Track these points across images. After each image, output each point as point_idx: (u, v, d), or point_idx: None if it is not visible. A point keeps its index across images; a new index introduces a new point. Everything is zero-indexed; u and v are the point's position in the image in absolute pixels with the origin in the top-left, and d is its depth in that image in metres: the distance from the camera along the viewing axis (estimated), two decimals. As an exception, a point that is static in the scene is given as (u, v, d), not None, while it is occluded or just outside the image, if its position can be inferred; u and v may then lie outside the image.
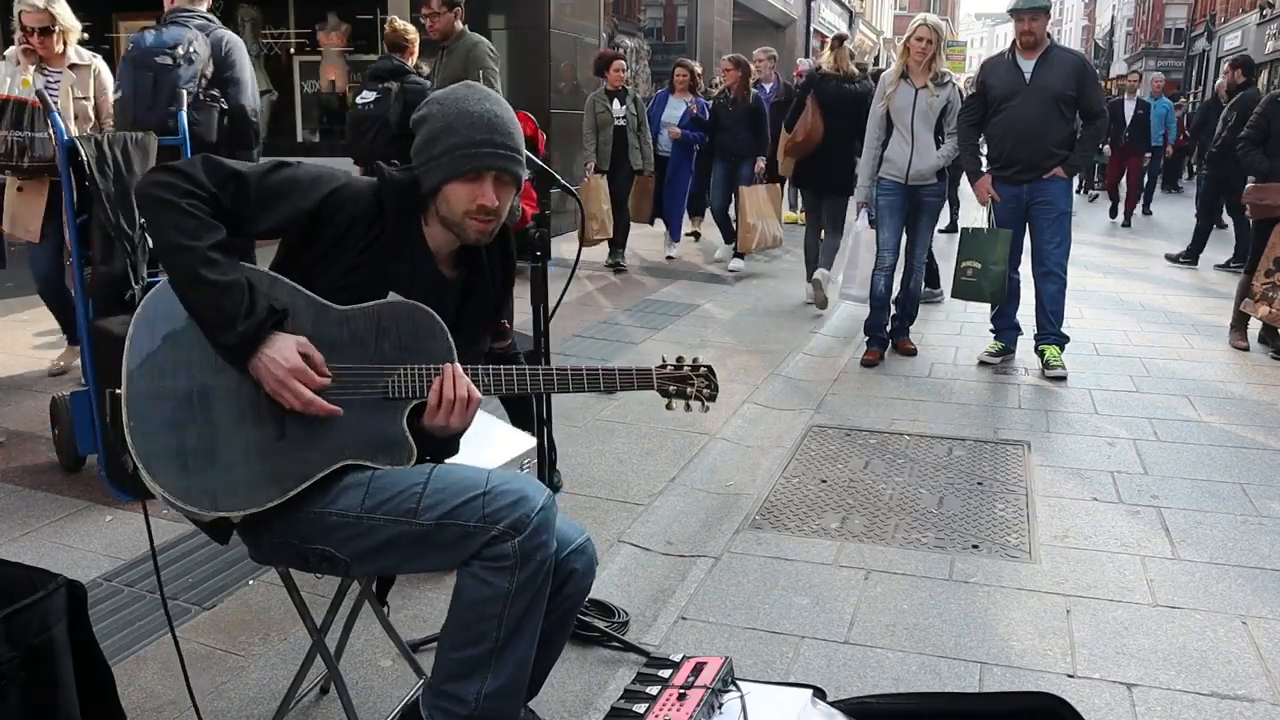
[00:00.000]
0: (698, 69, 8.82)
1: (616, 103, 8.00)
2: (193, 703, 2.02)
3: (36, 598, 1.66)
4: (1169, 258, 9.74)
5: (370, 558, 1.84)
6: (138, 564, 3.06)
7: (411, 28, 5.68)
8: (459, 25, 5.36)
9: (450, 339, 1.89)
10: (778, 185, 8.70)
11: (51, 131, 3.65)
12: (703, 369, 2.07)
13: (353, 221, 1.85)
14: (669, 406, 2.03)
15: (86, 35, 4.99)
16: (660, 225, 9.14)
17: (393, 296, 1.87)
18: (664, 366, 2.05)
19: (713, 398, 2.07)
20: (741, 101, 8.21)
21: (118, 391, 1.72)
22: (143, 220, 3.63)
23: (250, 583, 2.93)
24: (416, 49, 5.63)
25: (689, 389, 2.04)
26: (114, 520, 3.36)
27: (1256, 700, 2.45)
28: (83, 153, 3.48)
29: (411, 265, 1.93)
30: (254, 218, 1.82)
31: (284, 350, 1.75)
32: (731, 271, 8.30)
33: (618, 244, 8.31)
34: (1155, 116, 13.39)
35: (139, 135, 3.69)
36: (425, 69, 5.69)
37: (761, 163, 8.31)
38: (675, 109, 8.53)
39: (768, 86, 9.19)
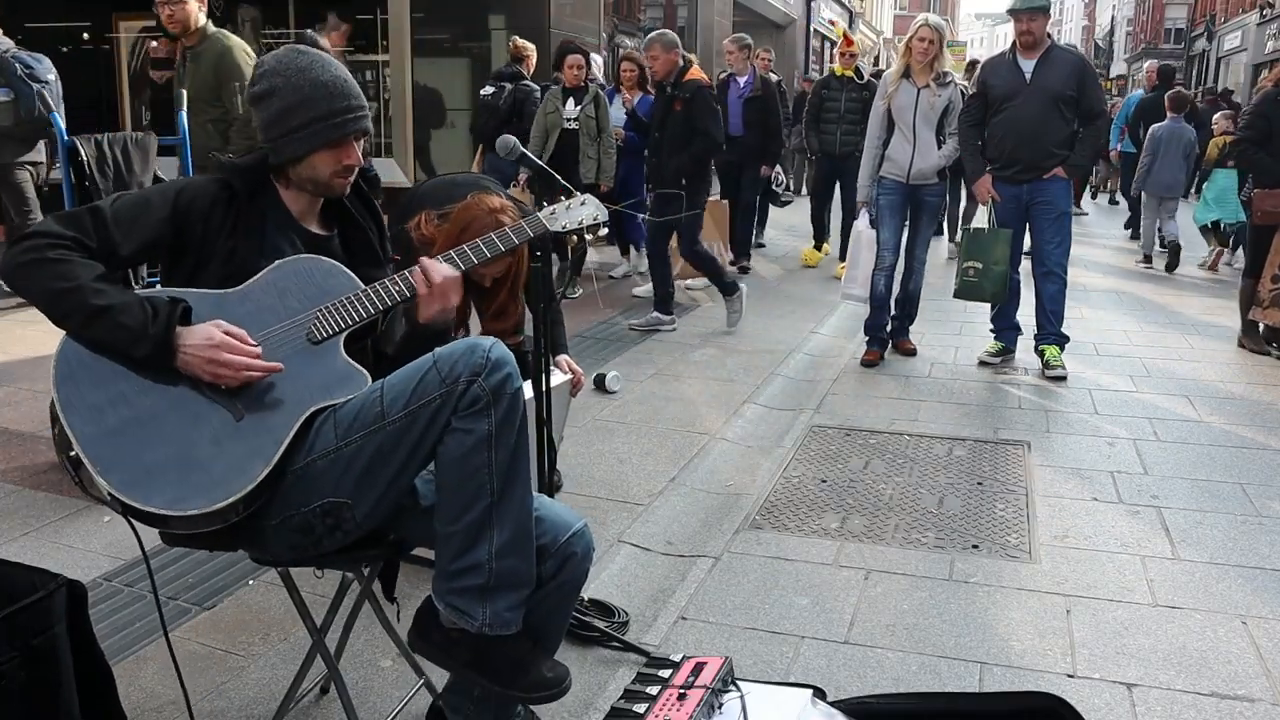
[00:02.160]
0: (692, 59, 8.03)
1: (571, 103, 6.95)
2: (186, 705, 2.02)
3: (36, 598, 1.67)
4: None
5: (368, 484, 1.84)
6: (138, 564, 3.06)
7: (530, 45, 7.50)
8: (202, 19, 4.54)
9: (350, 273, 1.96)
10: (725, 202, 8.00)
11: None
12: (582, 198, 2.22)
13: (208, 213, 1.90)
14: (571, 241, 2.22)
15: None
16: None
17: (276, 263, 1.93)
18: (548, 208, 2.19)
19: (600, 227, 2.23)
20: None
21: (72, 453, 1.73)
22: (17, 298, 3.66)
23: (250, 583, 2.93)
24: (533, 63, 7.49)
25: (578, 218, 2.19)
26: (114, 520, 3.36)
27: (1256, 700, 2.45)
28: (83, 153, 3.48)
29: (286, 235, 1.99)
30: (120, 243, 1.84)
31: (203, 334, 1.78)
32: (640, 295, 7.10)
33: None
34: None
35: (139, 135, 3.70)
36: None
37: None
38: (621, 108, 7.54)
39: (741, 80, 8.29)
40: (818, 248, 9.20)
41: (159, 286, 1.90)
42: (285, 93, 1.93)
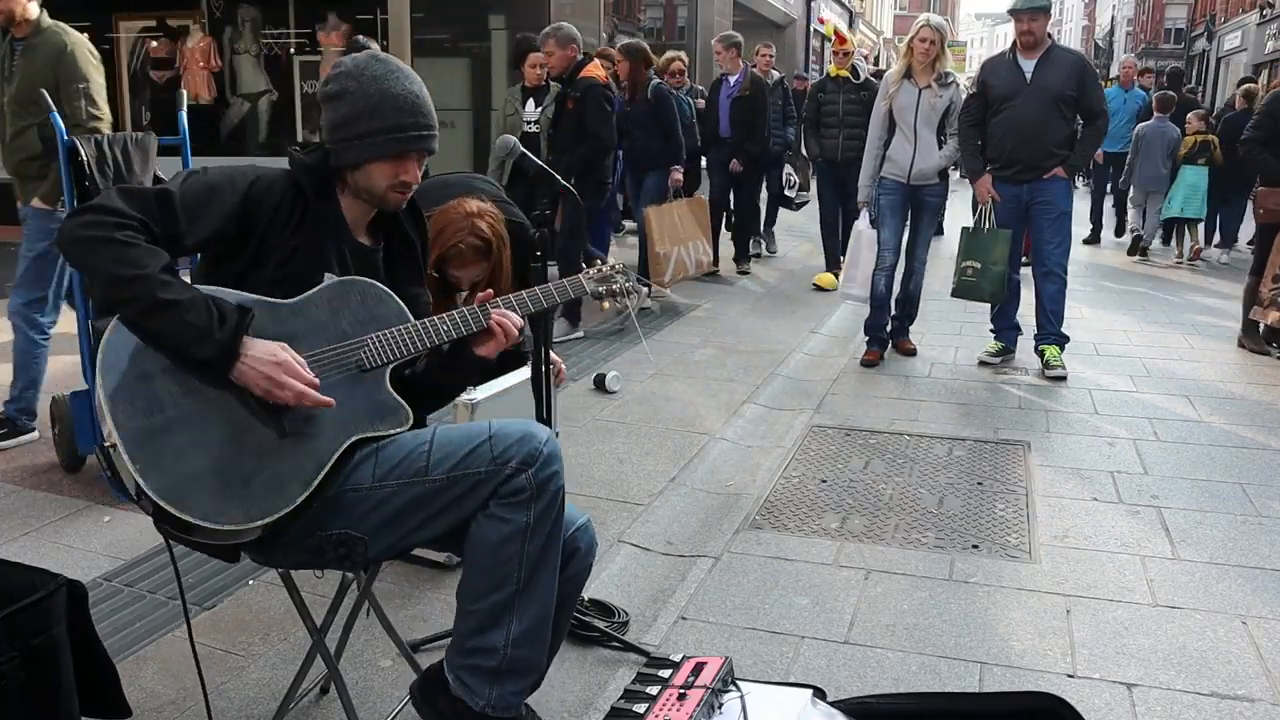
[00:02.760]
0: (618, 57, 7.14)
1: (531, 103, 6.59)
2: (204, 697, 2.03)
3: (36, 598, 1.67)
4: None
5: (388, 528, 1.85)
6: (138, 564, 3.06)
7: (610, 51, 7.63)
8: (34, 9, 4.04)
9: (399, 301, 1.95)
10: (703, 198, 7.60)
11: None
12: (618, 265, 2.19)
13: (276, 208, 1.87)
14: (604, 307, 2.17)
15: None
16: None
17: (329, 278, 1.91)
18: (587, 272, 2.16)
19: (633, 291, 2.19)
20: (639, 100, 6.83)
21: (107, 444, 1.69)
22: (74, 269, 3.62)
23: (250, 583, 2.93)
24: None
25: (614, 286, 2.15)
26: (114, 520, 3.36)
27: (1256, 700, 2.45)
28: (83, 153, 3.47)
29: (338, 243, 1.97)
30: (185, 232, 1.80)
31: (266, 350, 1.75)
32: (646, 307, 6.83)
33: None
34: (1128, 110, 10.64)
35: (139, 135, 3.69)
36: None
37: (677, 173, 7.08)
38: None
39: (731, 79, 8.03)
40: (831, 265, 8.28)
41: (199, 277, 1.85)
42: (355, 98, 1.90)
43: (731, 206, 8.61)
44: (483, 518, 1.82)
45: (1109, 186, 11.22)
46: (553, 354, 3.12)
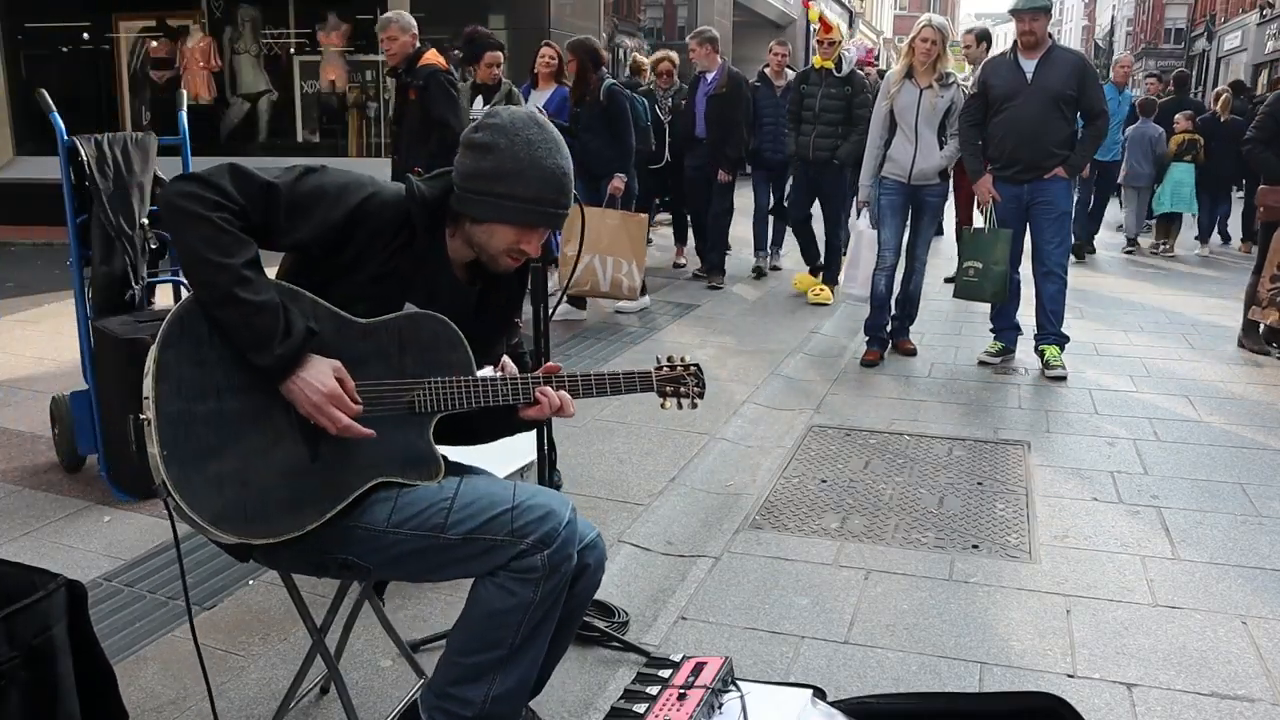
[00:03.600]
0: (567, 56, 6.68)
1: (480, 100, 6.35)
2: (209, 695, 2.03)
3: (36, 598, 1.66)
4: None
5: (393, 567, 1.86)
6: (138, 564, 3.06)
7: (645, 60, 8.65)
8: None
9: (469, 350, 1.90)
10: (642, 215, 6.74)
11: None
12: (693, 367, 2.13)
13: (376, 234, 1.82)
14: (664, 406, 2.09)
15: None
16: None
17: (409, 308, 1.86)
18: (660, 368, 2.09)
19: (702, 395, 2.13)
20: (590, 102, 6.37)
21: (143, 417, 1.67)
22: (160, 231, 3.60)
23: (250, 583, 2.93)
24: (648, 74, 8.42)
25: (682, 388, 2.09)
26: (113, 520, 3.36)
27: (1256, 700, 2.45)
28: (83, 153, 3.47)
29: (433, 276, 1.91)
30: (283, 231, 1.76)
31: (321, 375, 1.73)
32: (625, 309, 6.52)
33: None
34: (1120, 114, 9.81)
35: (139, 135, 3.69)
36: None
37: (618, 181, 6.39)
38: (535, 104, 6.44)
39: (708, 76, 7.55)
40: (813, 271, 7.69)
41: (285, 273, 1.83)
42: (504, 157, 1.82)
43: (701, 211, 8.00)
44: (490, 583, 1.81)
45: (1091, 198, 10.11)
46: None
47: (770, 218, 8.25)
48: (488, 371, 1.98)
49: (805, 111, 7.07)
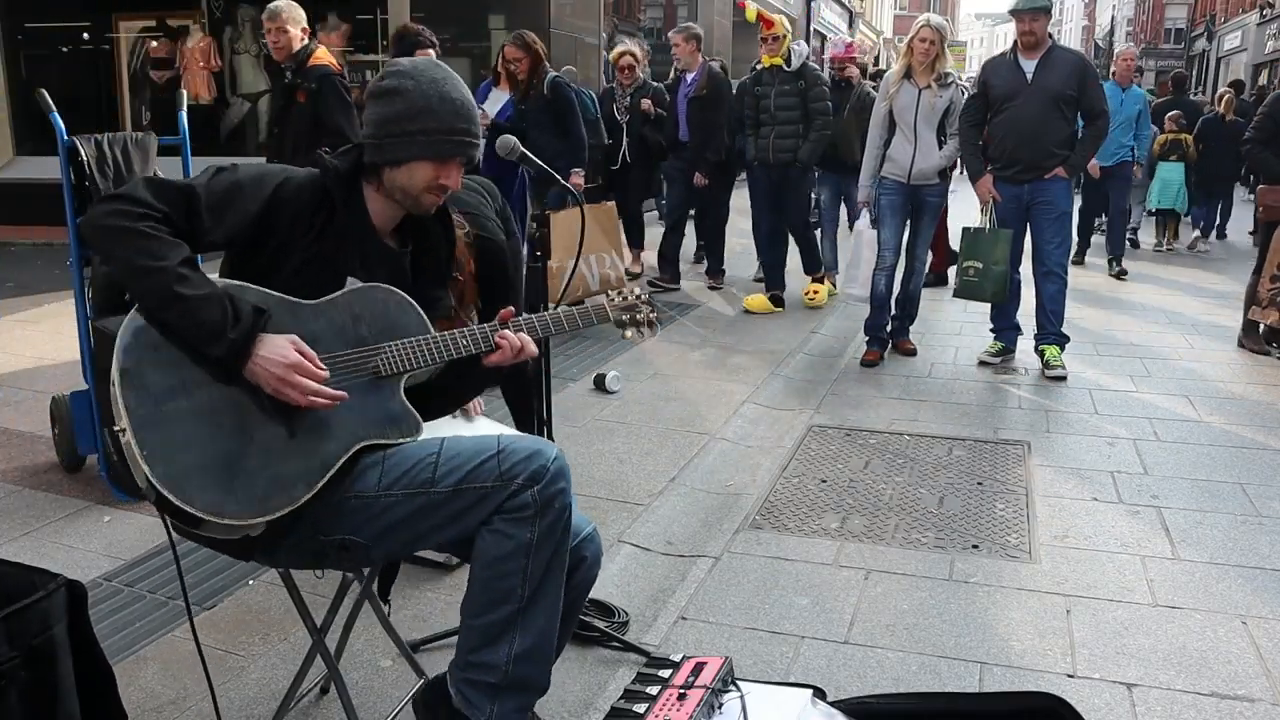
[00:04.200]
0: (542, 48, 6.38)
1: None
2: (212, 695, 2.03)
3: (36, 598, 1.66)
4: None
5: (391, 535, 1.85)
6: (138, 564, 3.06)
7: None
8: None
9: (420, 311, 1.94)
10: (610, 203, 6.65)
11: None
12: (644, 295, 2.19)
13: (296, 217, 1.86)
14: (625, 335, 2.16)
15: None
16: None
17: (352, 282, 1.90)
18: (612, 300, 2.15)
19: (658, 320, 2.19)
20: (535, 96, 6.12)
21: (118, 428, 1.69)
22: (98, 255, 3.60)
23: (250, 583, 2.93)
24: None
25: (638, 315, 2.14)
26: (113, 520, 3.37)
27: (1256, 700, 2.45)
28: (83, 153, 3.47)
29: (362, 247, 1.95)
30: (208, 230, 1.80)
31: (279, 349, 1.75)
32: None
33: None
34: (1126, 113, 8.61)
35: (139, 135, 3.69)
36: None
37: (576, 177, 6.05)
38: (495, 104, 6.28)
39: (689, 76, 7.20)
40: (771, 287, 7.03)
41: (219, 276, 1.85)
42: (413, 95, 1.89)
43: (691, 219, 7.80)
44: (486, 532, 1.82)
45: (1103, 211, 9.36)
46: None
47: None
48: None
49: (762, 114, 6.71)
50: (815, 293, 7.16)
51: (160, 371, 1.72)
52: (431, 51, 5.61)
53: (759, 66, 6.78)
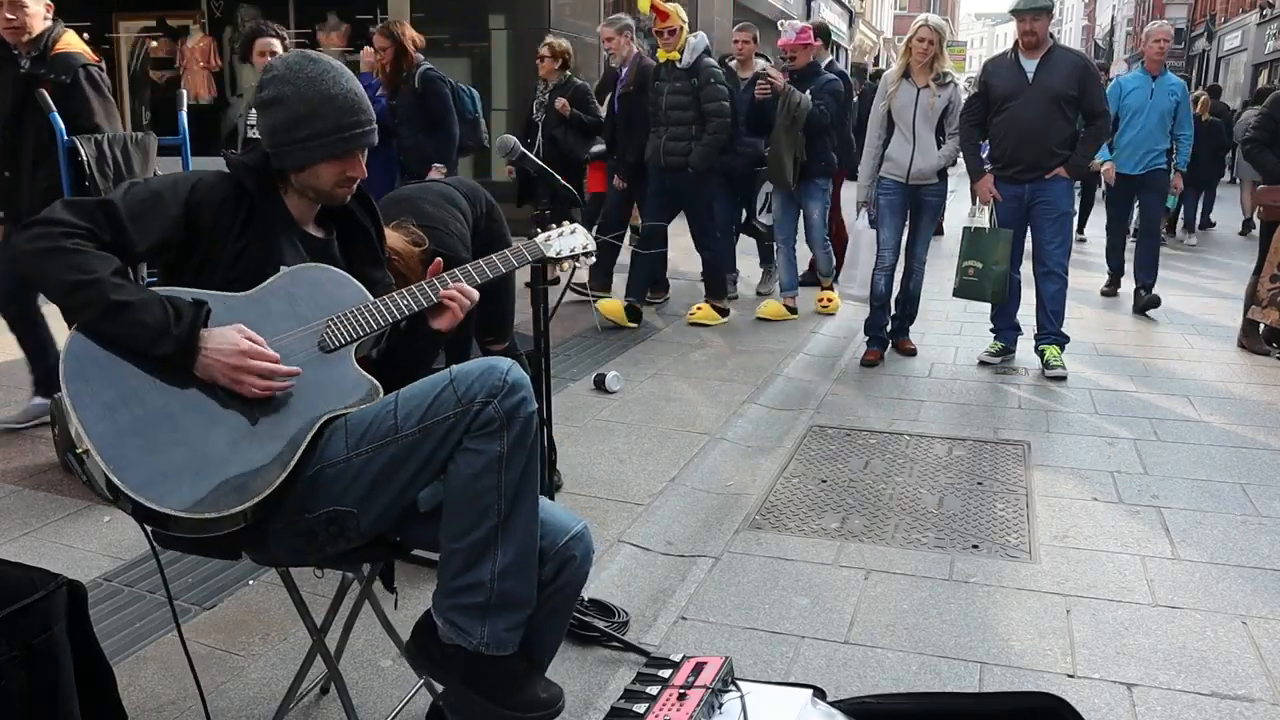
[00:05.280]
0: (413, 38, 5.80)
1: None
2: (201, 698, 2.02)
3: (36, 598, 1.67)
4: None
5: (372, 496, 1.84)
6: (138, 564, 3.06)
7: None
8: None
9: (356, 283, 1.98)
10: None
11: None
12: (575, 227, 2.27)
13: (218, 211, 1.89)
14: (562, 267, 2.26)
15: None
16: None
17: (284, 269, 1.92)
18: (542, 235, 2.24)
19: (593, 255, 2.31)
20: (405, 91, 5.68)
21: (80, 450, 1.68)
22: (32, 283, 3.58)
23: (250, 583, 2.93)
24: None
25: (569, 246, 2.24)
26: (113, 520, 3.36)
27: (1256, 700, 2.45)
28: (83, 153, 3.48)
29: (288, 237, 1.98)
30: (134, 241, 1.81)
31: (227, 339, 1.77)
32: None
33: None
34: (1160, 107, 7.07)
35: (139, 135, 3.70)
36: None
37: (436, 173, 5.47)
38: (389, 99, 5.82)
39: (623, 70, 6.57)
40: (708, 296, 6.56)
41: (159, 285, 1.88)
42: (293, 102, 1.91)
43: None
44: (458, 456, 1.81)
45: (1132, 223, 8.17)
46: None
47: (744, 234, 7.42)
48: None
49: (657, 114, 6.19)
50: (829, 300, 6.97)
51: (111, 387, 1.73)
52: (275, 41, 5.24)
53: (655, 62, 6.30)
